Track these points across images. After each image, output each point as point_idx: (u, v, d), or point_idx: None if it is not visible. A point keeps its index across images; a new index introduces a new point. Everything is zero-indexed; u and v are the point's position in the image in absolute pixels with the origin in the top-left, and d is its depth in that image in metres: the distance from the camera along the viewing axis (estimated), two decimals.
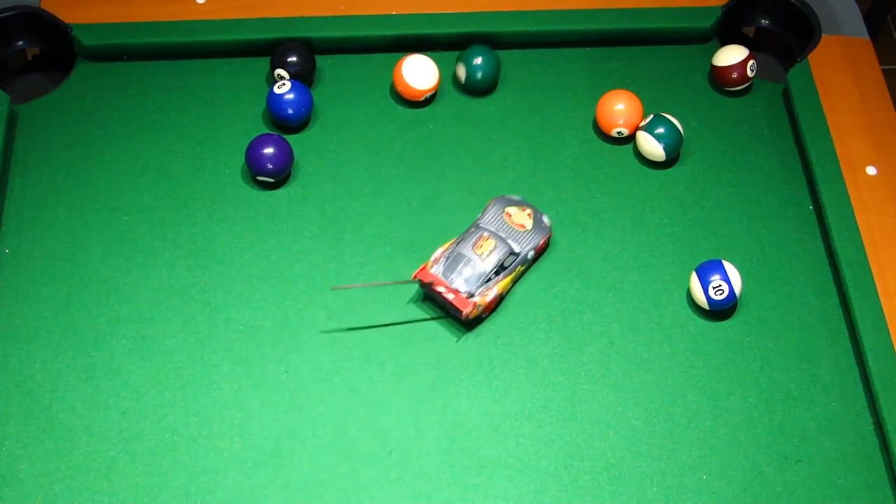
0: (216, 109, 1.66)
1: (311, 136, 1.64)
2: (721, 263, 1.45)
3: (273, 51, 1.66)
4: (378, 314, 1.45)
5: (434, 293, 1.44)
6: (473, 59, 1.64)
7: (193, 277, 1.48)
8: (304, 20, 1.71)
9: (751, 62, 1.66)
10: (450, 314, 1.46)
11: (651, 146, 1.58)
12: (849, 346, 1.44)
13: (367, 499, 1.30)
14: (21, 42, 1.72)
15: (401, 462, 1.33)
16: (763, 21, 1.80)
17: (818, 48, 1.70)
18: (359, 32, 1.71)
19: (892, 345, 1.40)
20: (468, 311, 1.40)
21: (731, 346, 1.44)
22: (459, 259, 1.43)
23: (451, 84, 1.70)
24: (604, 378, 1.41)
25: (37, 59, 1.79)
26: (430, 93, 1.66)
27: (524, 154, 1.62)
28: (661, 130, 1.57)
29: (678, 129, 1.58)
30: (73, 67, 1.69)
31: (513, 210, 1.49)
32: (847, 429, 1.37)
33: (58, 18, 1.67)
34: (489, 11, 1.73)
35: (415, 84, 1.64)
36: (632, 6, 1.75)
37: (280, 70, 1.64)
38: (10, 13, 1.68)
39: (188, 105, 1.66)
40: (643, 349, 1.43)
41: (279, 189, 1.58)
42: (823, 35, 1.72)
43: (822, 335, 1.45)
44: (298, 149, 1.62)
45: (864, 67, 1.69)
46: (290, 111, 1.60)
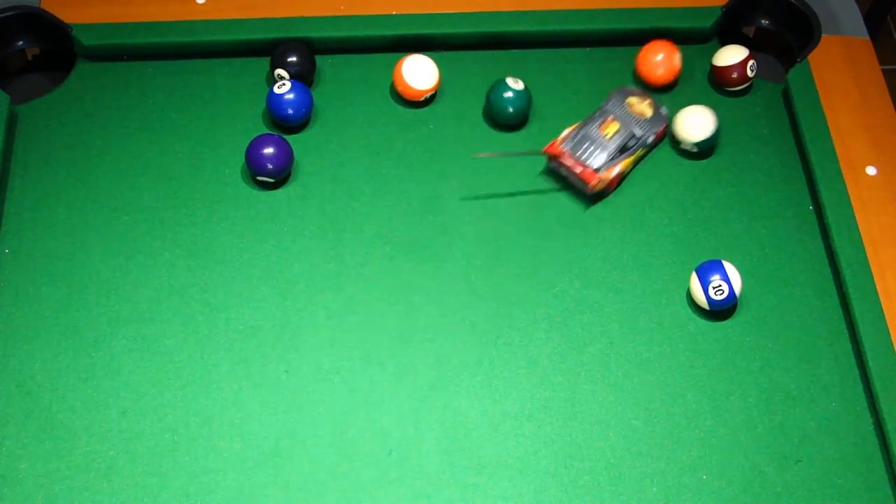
0: (216, 109, 1.66)
1: (311, 136, 1.64)
2: (721, 263, 1.45)
3: (273, 51, 1.66)
4: (378, 314, 1.45)
5: (561, 167, 1.57)
6: (504, 93, 1.61)
7: (193, 277, 1.48)
8: (304, 20, 1.71)
9: (751, 62, 1.66)
10: (574, 187, 1.58)
11: (689, 134, 1.60)
12: (849, 346, 1.44)
13: (367, 499, 1.30)
14: (21, 42, 1.72)
15: (401, 462, 1.33)
16: (763, 21, 1.80)
17: (818, 48, 1.70)
18: (359, 32, 1.71)
19: (892, 345, 1.40)
20: (594, 184, 1.53)
21: (731, 346, 1.44)
22: (586, 138, 1.56)
23: (451, 84, 1.70)
24: (604, 378, 1.41)
25: (37, 59, 1.79)
26: (430, 93, 1.66)
27: (524, 155, 1.62)
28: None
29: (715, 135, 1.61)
30: (73, 67, 1.69)
31: (634, 100, 1.61)
32: (847, 429, 1.37)
33: (58, 18, 1.67)
34: (489, 11, 1.73)
35: (415, 84, 1.64)
36: (632, 6, 1.75)
37: (280, 70, 1.64)
38: (10, 13, 1.68)
39: (188, 105, 1.66)
40: (643, 349, 1.43)
41: (279, 189, 1.58)
42: (823, 35, 1.72)
43: (822, 335, 1.45)
44: (298, 149, 1.62)
45: (864, 67, 1.69)
46: (290, 111, 1.60)
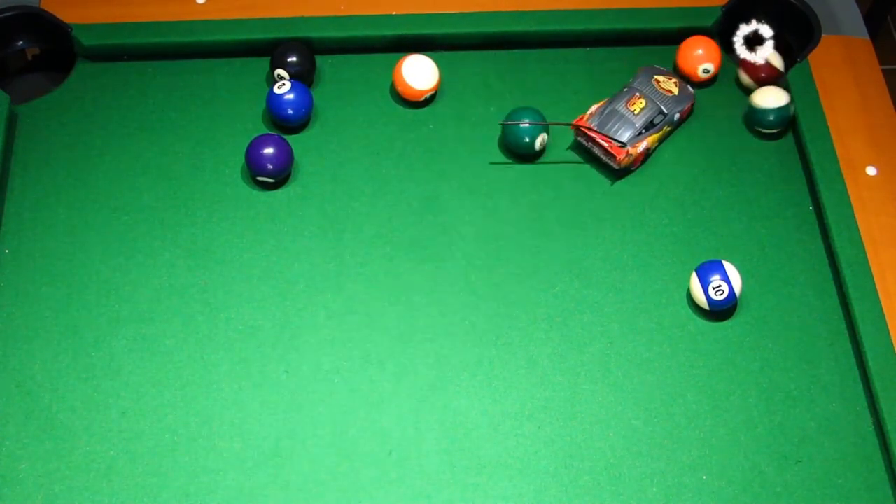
0: (216, 109, 1.66)
1: (311, 136, 1.64)
2: (721, 263, 1.44)
3: (273, 51, 1.66)
4: (378, 314, 1.45)
5: (589, 141, 1.59)
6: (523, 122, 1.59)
7: (193, 277, 1.48)
8: (304, 20, 1.71)
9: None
10: (601, 162, 1.60)
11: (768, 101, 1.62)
12: (849, 346, 1.44)
13: (367, 499, 1.30)
14: (21, 42, 1.72)
15: (401, 462, 1.33)
16: (763, 21, 1.79)
17: (818, 48, 1.70)
18: (359, 32, 1.71)
19: (892, 345, 1.40)
20: (621, 158, 1.55)
21: (731, 346, 1.44)
22: (614, 114, 1.58)
23: (451, 84, 1.70)
24: (604, 378, 1.41)
25: (37, 59, 1.79)
26: (430, 93, 1.66)
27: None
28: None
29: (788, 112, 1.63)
30: (73, 67, 1.69)
31: (661, 77, 1.63)
32: (847, 429, 1.37)
33: (58, 18, 1.67)
34: (489, 11, 1.73)
35: (415, 84, 1.64)
36: (632, 6, 1.75)
37: (280, 70, 1.64)
38: (10, 13, 1.68)
39: (188, 105, 1.66)
40: (643, 349, 1.43)
41: (279, 189, 1.58)
42: (823, 35, 1.71)
43: (822, 335, 1.45)
44: (298, 149, 1.62)
45: (864, 67, 1.69)
46: (290, 111, 1.60)
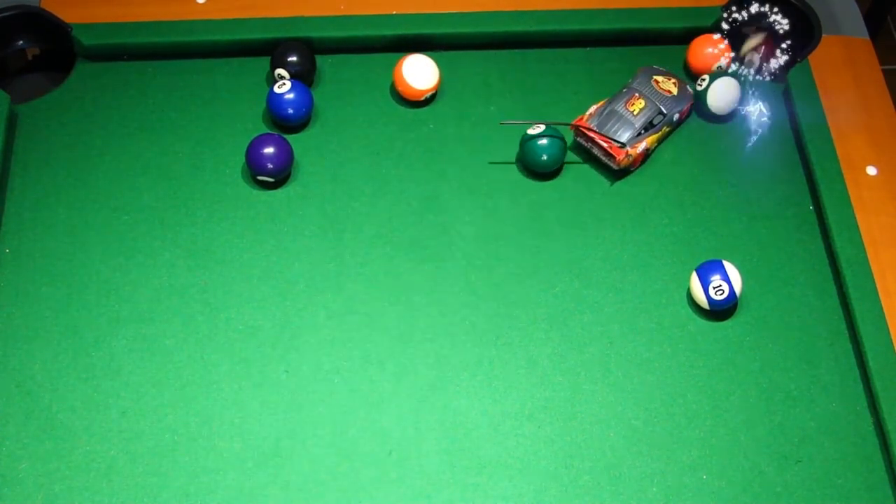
0: (216, 109, 1.66)
1: (311, 136, 1.64)
2: (721, 263, 1.44)
3: (273, 51, 1.66)
4: (378, 314, 1.45)
5: (588, 141, 1.60)
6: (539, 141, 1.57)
7: (193, 277, 1.48)
8: (304, 20, 1.71)
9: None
10: (601, 162, 1.60)
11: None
12: (849, 346, 1.44)
13: (367, 499, 1.30)
14: (21, 42, 1.72)
15: (401, 462, 1.33)
16: (763, 21, 1.79)
17: (818, 48, 1.70)
18: (359, 32, 1.71)
19: (892, 345, 1.40)
20: (621, 159, 1.56)
21: (731, 346, 1.44)
22: (613, 115, 1.58)
23: (451, 84, 1.70)
24: (604, 378, 1.41)
25: (37, 59, 1.79)
26: (430, 93, 1.66)
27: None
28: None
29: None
30: (73, 67, 1.69)
31: (660, 78, 1.63)
32: (847, 429, 1.37)
33: (58, 18, 1.67)
34: (489, 11, 1.73)
35: (415, 84, 1.64)
36: (632, 6, 1.75)
37: (280, 70, 1.64)
38: (10, 13, 1.68)
39: (188, 105, 1.66)
40: (643, 349, 1.43)
41: (279, 189, 1.57)
42: (823, 35, 1.71)
43: (822, 335, 1.45)
44: (298, 149, 1.62)
45: (864, 67, 1.69)
46: (290, 111, 1.60)
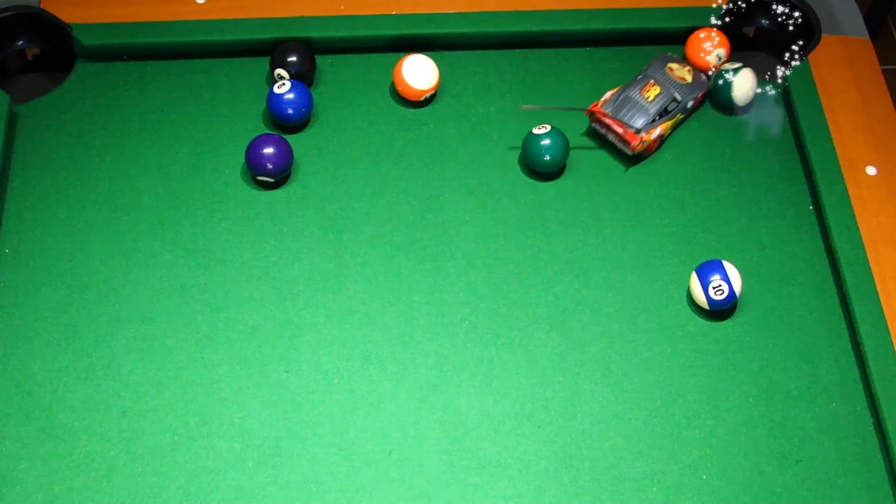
0: (216, 109, 1.66)
1: (311, 136, 1.64)
2: (721, 263, 1.44)
3: (273, 51, 1.66)
4: (378, 314, 1.45)
5: (603, 127, 1.61)
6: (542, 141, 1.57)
7: (193, 277, 1.48)
8: (304, 20, 1.70)
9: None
10: (615, 148, 1.62)
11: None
12: (849, 346, 1.44)
13: (367, 499, 1.30)
14: (21, 42, 1.72)
15: (401, 462, 1.33)
16: (763, 21, 1.80)
17: (818, 48, 1.70)
18: (359, 32, 1.71)
19: (892, 345, 1.40)
20: (635, 145, 1.57)
21: (731, 346, 1.44)
22: (628, 101, 1.59)
23: (451, 84, 1.70)
24: (604, 378, 1.41)
25: (37, 59, 1.79)
26: (430, 93, 1.66)
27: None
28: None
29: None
30: (73, 67, 1.69)
31: (675, 65, 1.64)
32: (847, 429, 1.37)
33: (58, 18, 1.67)
34: (489, 11, 1.73)
35: (415, 84, 1.64)
36: (632, 6, 1.75)
37: (280, 70, 1.64)
38: (10, 13, 1.68)
39: (188, 105, 1.66)
40: (643, 349, 1.43)
41: (279, 189, 1.57)
42: (823, 35, 1.72)
43: (822, 335, 1.45)
44: (298, 149, 1.62)
45: (864, 67, 1.69)
46: (290, 111, 1.60)
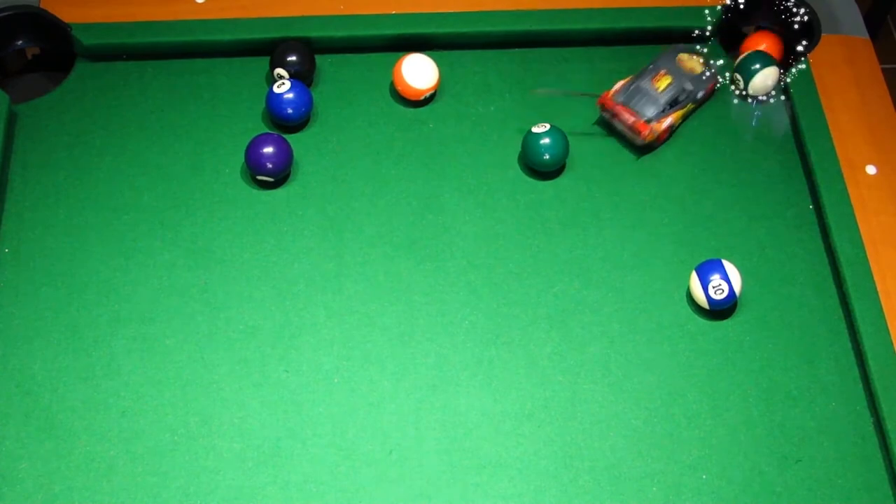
0: (216, 109, 1.66)
1: (311, 136, 1.64)
2: (721, 263, 1.44)
3: (273, 50, 1.66)
4: (378, 314, 1.45)
5: (614, 117, 1.61)
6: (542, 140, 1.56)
7: (193, 277, 1.48)
8: (304, 20, 1.70)
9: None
10: (625, 138, 1.62)
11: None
12: (849, 346, 1.44)
13: (367, 499, 1.30)
14: (21, 42, 1.72)
15: (401, 462, 1.33)
16: (763, 21, 1.79)
17: (818, 48, 1.70)
18: (359, 32, 1.71)
19: (892, 345, 1.40)
20: (646, 134, 1.57)
21: (731, 346, 1.44)
22: (639, 90, 1.60)
23: (451, 84, 1.70)
24: (604, 378, 1.41)
25: (37, 59, 1.79)
26: (430, 93, 1.66)
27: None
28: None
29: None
30: (73, 67, 1.69)
31: (685, 56, 1.65)
32: (847, 429, 1.37)
33: (58, 18, 1.67)
34: (489, 11, 1.73)
35: (415, 84, 1.64)
36: (632, 6, 1.74)
37: (280, 70, 1.64)
38: (10, 13, 1.68)
39: (188, 105, 1.66)
40: (643, 349, 1.43)
41: (279, 189, 1.57)
42: (823, 35, 1.71)
43: (822, 335, 1.45)
44: (298, 149, 1.62)
45: (864, 67, 1.69)
46: (290, 111, 1.60)
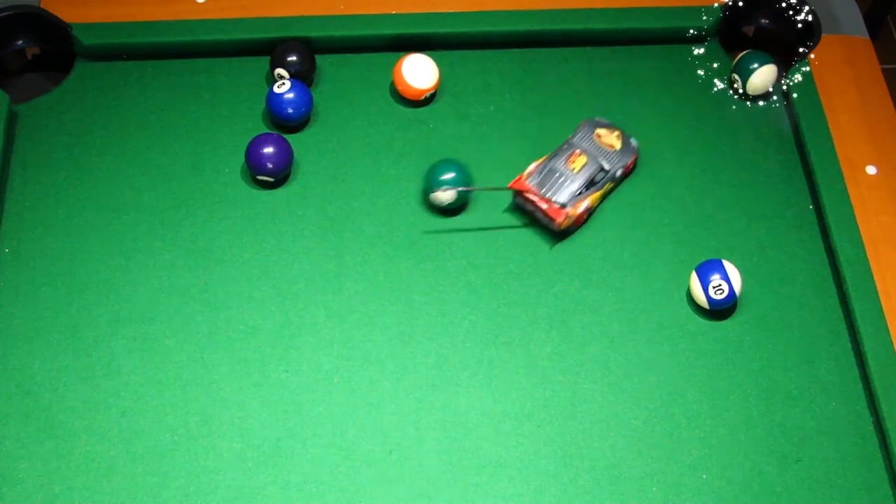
0: (216, 109, 1.66)
1: (311, 136, 1.64)
2: (721, 263, 1.44)
3: (273, 50, 1.66)
4: (378, 314, 1.45)
5: (527, 203, 1.53)
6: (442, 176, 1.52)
7: (193, 277, 1.48)
8: (304, 20, 1.70)
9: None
10: (541, 224, 1.54)
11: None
12: (849, 346, 1.44)
13: (367, 499, 1.30)
14: (21, 42, 1.72)
15: (401, 462, 1.33)
16: (763, 21, 1.79)
17: (818, 48, 1.70)
18: (359, 32, 1.71)
19: (892, 345, 1.40)
20: (560, 221, 1.49)
21: (731, 346, 1.44)
22: (553, 173, 1.52)
23: (451, 84, 1.70)
24: (604, 378, 1.41)
25: (37, 59, 1.79)
26: (430, 92, 1.66)
27: (524, 154, 1.62)
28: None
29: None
30: (73, 67, 1.69)
31: (602, 131, 1.57)
32: (847, 429, 1.37)
33: (58, 18, 1.67)
34: (489, 11, 1.73)
35: (415, 84, 1.64)
36: (632, 6, 1.74)
37: (280, 70, 1.64)
38: (10, 13, 1.68)
39: (188, 105, 1.66)
40: (643, 349, 1.43)
41: (279, 189, 1.57)
42: (823, 35, 1.72)
43: (822, 335, 1.45)
44: (298, 149, 1.62)
45: (864, 67, 1.69)
46: (290, 111, 1.60)
